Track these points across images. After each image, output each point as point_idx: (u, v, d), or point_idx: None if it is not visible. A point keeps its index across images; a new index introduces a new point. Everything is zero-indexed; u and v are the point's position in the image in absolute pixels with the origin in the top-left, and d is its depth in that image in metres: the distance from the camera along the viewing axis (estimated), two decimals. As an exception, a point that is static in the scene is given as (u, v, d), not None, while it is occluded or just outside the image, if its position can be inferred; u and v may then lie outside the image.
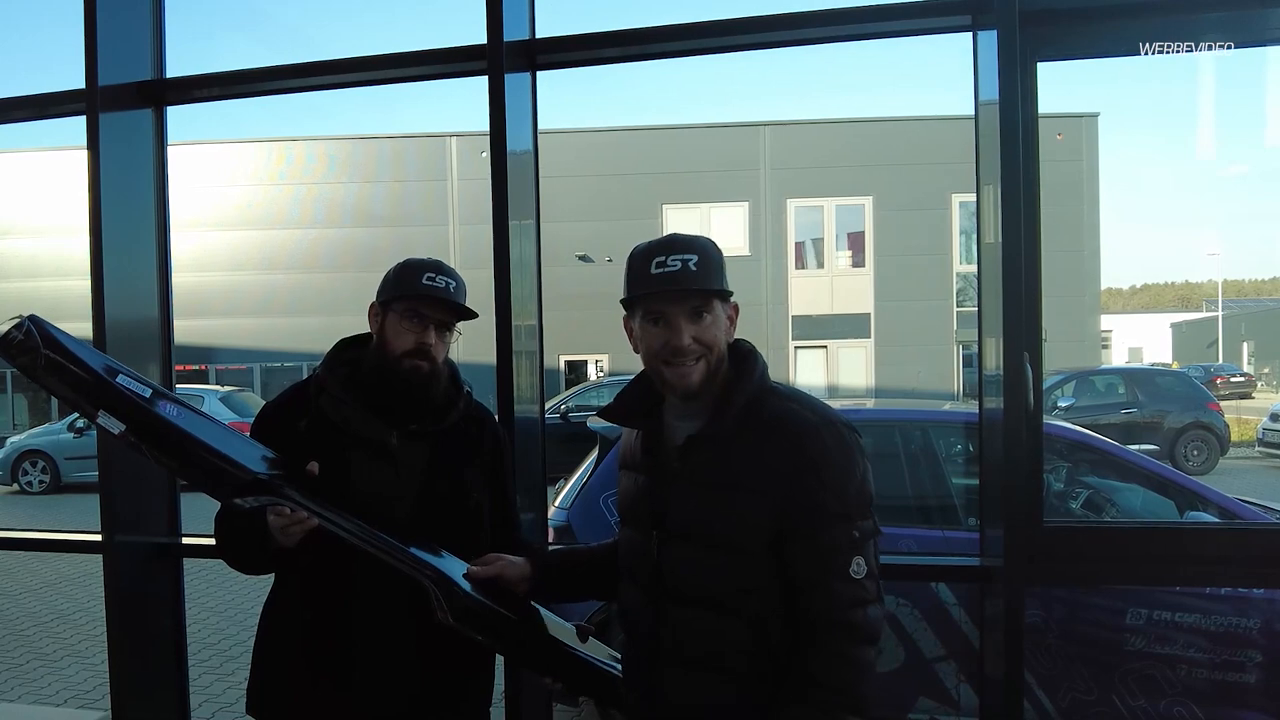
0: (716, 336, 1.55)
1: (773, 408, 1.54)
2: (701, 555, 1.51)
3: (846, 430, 1.53)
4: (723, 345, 1.56)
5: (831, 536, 1.47)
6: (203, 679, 5.15)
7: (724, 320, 1.57)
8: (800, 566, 1.48)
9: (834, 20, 2.53)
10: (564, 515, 4.26)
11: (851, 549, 1.47)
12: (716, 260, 1.55)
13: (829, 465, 1.48)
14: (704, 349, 1.54)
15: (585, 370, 22.32)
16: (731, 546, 1.49)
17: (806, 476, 1.47)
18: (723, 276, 1.56)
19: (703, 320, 1.54)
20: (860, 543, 1.48)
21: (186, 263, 20.14)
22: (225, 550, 1.88)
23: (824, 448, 1.49)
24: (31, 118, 3.18)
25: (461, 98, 69.25)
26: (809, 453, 1.48)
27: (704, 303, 1.54)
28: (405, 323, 1.87)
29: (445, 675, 1.88)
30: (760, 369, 1.59)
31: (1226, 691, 3.23)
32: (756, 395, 1.55)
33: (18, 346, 1.53)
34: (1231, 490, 4.15)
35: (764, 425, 1.52)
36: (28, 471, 14.64)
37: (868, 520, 1.50)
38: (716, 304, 1.56)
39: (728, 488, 1.50)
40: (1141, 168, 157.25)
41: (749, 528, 1.48)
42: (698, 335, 1.53)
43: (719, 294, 1.55)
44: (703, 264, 1.52)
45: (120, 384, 1.59)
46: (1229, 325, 44.42)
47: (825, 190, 22.17)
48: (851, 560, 1.47)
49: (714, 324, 1.55)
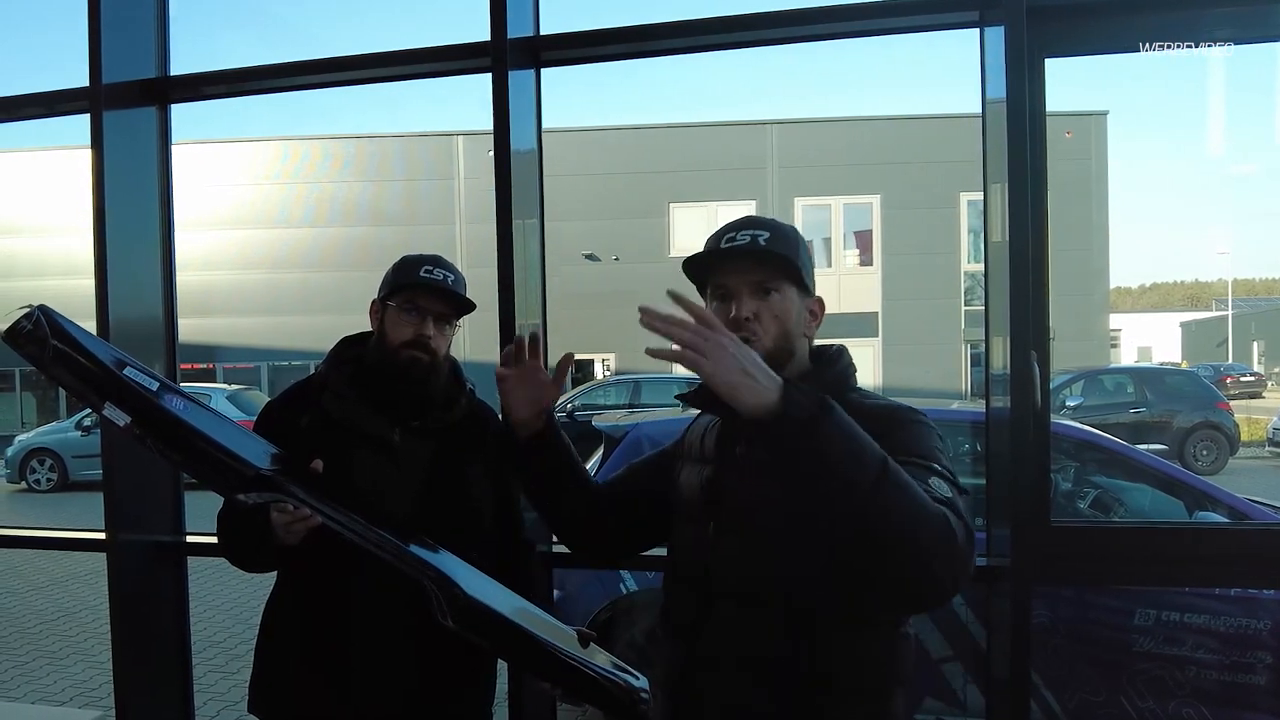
0: (786, 319, 1.45)
1: (849, 401, 1.41)
2: (755, 548, 1.42)
3: (919, 417, 1.45)
4: (794, 333, 1.46)
5: (908, 460, 1.31)
6: (207, 677, 5.16)
7: (799, 309, 1.47)
8: None
9: (841, 16, 2.51)
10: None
11: (929, 473, 1.32)
12: (793, 241, 1.47)
13: (900, 428, 1.39)
14: (763, 331, 1.44)
15: (592, 369, 22.32)
16: (790, 534, 1.38)
17: (883, 440, 1.32)
18: (799, 260, 1.46)
19: (769, 297, 1.44)
20: (943, 471, 1.35)
21: (193, 261, 20.23)
22: (227, 547, 1.88)
23: (895, 419, 1.41)
24: (36, 116, 3.18)
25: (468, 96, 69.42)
26: (878, 426, 1.34)
27: (769, 278, 1.45)
28: (403, 315, 1.86)
29: (445, 675, 1.88)
30: (842, 367, 1.51)
31: (1236, 693, 3.21)
32: (834, 389, 1.42)
33: (26, 336, 1.53)
34: (1241, 490, 4.13)
35: None
36: (35, 470, 14.70)
37: (948, 473, 1.36)
38: (789, 287, 1.45)
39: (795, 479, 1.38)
40: (1151, 166, 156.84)
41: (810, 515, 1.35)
42: (760, 311, 1.44)
43: (791, 274, 1.45)
44: (775, 240, 1.44)
45: (127, 376, 1.59)
46: (1239, 324, 44.26)
47: (832, 189, 22.15)
48: (930, 479, 1.31)
49: (783, 304, 1.45)
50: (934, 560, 1.23)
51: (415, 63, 2.76)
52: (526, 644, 1.58)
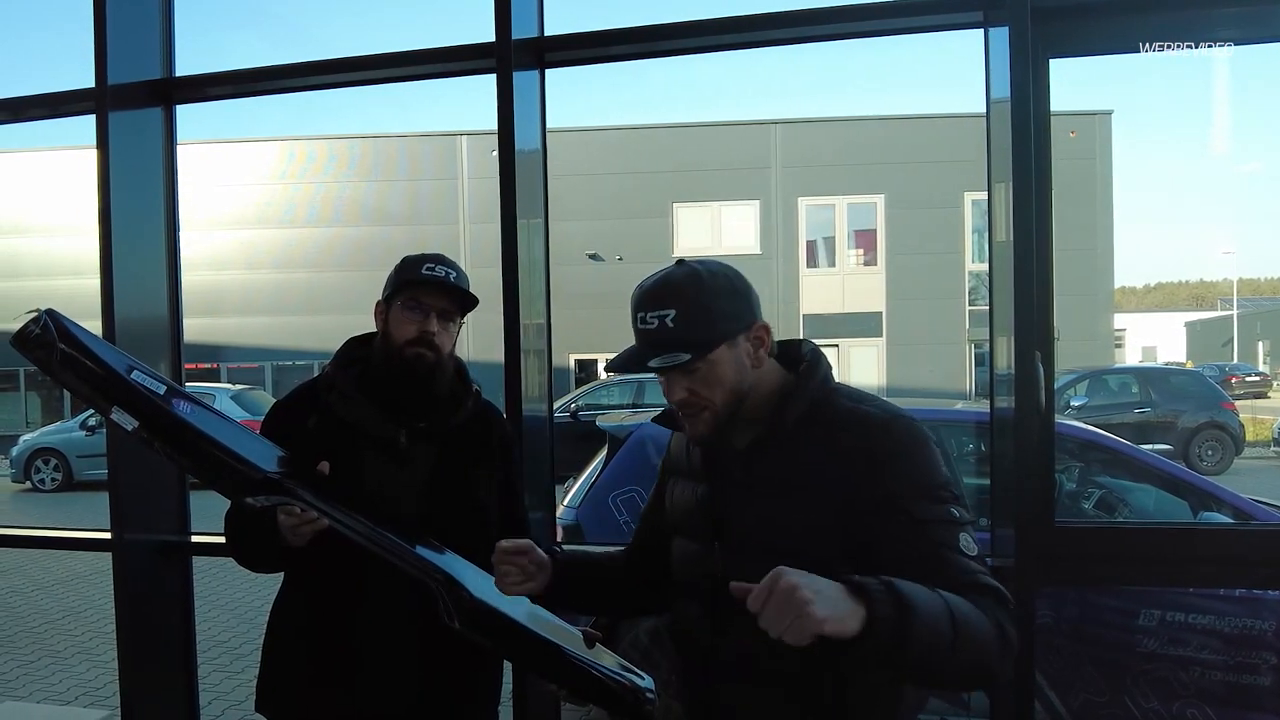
0: (720, 383, 1.43)
1: (838, 408, 1.44)
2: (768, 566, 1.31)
3: (912, 424, 1.42)
4: (741, 380, 1.44)
5: (927, 517, 1.33)
6: (212, 676, 5.17)
7: (737, 357, 1.44)
8: (895, 549, 1.32)
9: (845, 17, 2.51)
10: (573, 514, 4.26)
11: (956, 525, 1.33)
12: (704, 305, 1.41)
13: (903, 456, 1.37)
14: (706, 400, 1.44)
15: (595, 369, 22.32)
16: (799, 554, 1.29)
17: (880, 469, 1.35)
18: (716, 320, 1.41)
19: (695, 374, 1.42)
20: (964, 522, 1.35)
21: (198, 261, 20.26)
22: (235, 548, 1.89)
23: (895, 440, 1.38)
24: (43, 116, 3.20)
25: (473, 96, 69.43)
26: (880, 446, 1.37)
27: (689, 361, 1.41)
28: (407, 312, 1.86)
29: (451, 676, 1.88)
30: (823, 372, 1.49)
31: (1240, 694, 3.20)
32: (819, 397, 1.45)
33: (34, 340, 1.53)
34: (1246, 491, 4.12)
35: (829, 425, 1.42)
36: (40, 469, 14.74)
37: (962, 509, 1.37)
38: (714, 351, 1.42)
39: (793, 492, 1.40)
40: (1155, 165, 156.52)
41: (817, 532, 1.37)
42: (693, 389, 1.43)
43: (709, 346, 1.41)
44: (682, 318, 1.40)
45: (135, 380, 1.59)
46: (1244, 324, 44.14)
47: (836, 188, 22.13)
48: (958, 536, 1.33)
49: (714, 371, 1.42)
50: (999, 675, 1.29)
51: (420, 64, 2.77)
52: (532, 645, 1.58)
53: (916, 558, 1.30)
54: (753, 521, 1.44)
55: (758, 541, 1.42)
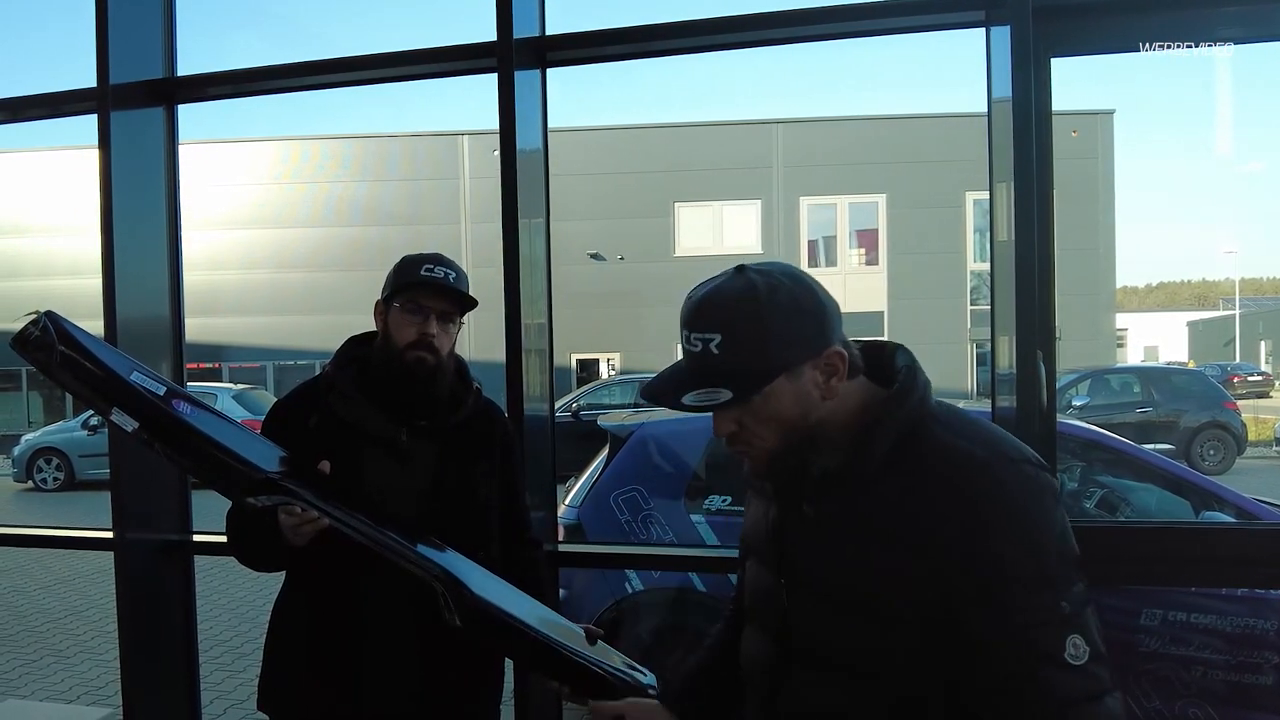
0: (775, 420, 1.21)
1: (934, 441, 1.18)
2: (833, 615, 1.20)
3: (1031, 469, 1.17)
4: (803, 416, 1.21)
5: (1028, 609, 1.09)
6: (213, 675, 5.17)
7: (799, 389, 1.19)
8: (990, 651, 1.10)
9: (846, 16, 2.51)
10: (574, 514, 4.26)
11: (1062, 625, 1.09)
12: (758, 329, 1.17)
13: (1006, 514, 1.12)
14: (757, 438, 1.23)
15: (597, 369, 22.32)
16: (871, 610, 1.16)
17: (974, 529, 1.11)
18: (772, 348, 1.17)
19: (747, 406, 1.20)
20: (1073, 617, 1.10)
21: (200, 261, 20.26)
22: (236, 548, 1.89)
23: (996, 491, 1.13)
24: (44, 116, 3.20)
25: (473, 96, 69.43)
26: (975, 498, 1.12)
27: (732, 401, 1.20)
28: (406, 315, 1.86)
29: (452, 675, 1.88)
30: (918, 394, 1.23)
31: (1243, 693, 3.19)
32: (909, 426, 1.20)
33: (34, 343, 1.54)
34: (1248, 490, 4.12)
35: (919, 463, 1.17)
36: (42, 469, 14.75)
37: (1077, 584, 1.12)
38: (776, 381, 1.18)
39: (868, 539, 1.17)
40: (1157, 164, 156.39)
41: (888, 589, 1.15)
42: (743, 423, 1.22)
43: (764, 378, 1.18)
44: (729, 345, 1.17)
45: (135, 381, 1.59)
46: (1246, 323, 44.11)
47: (838, 188, 22.13)
48: (1065, 640, 1.08)
49: (766, 407, 1.20)
50: None
51: (421, 63, 2.77)
52: (534, 643, 1.58)
53: (1004, 674, 1.10)
54: (815, 563, 1.24)
55: (818, 587, 1.23)
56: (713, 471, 4.42)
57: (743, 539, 1.43)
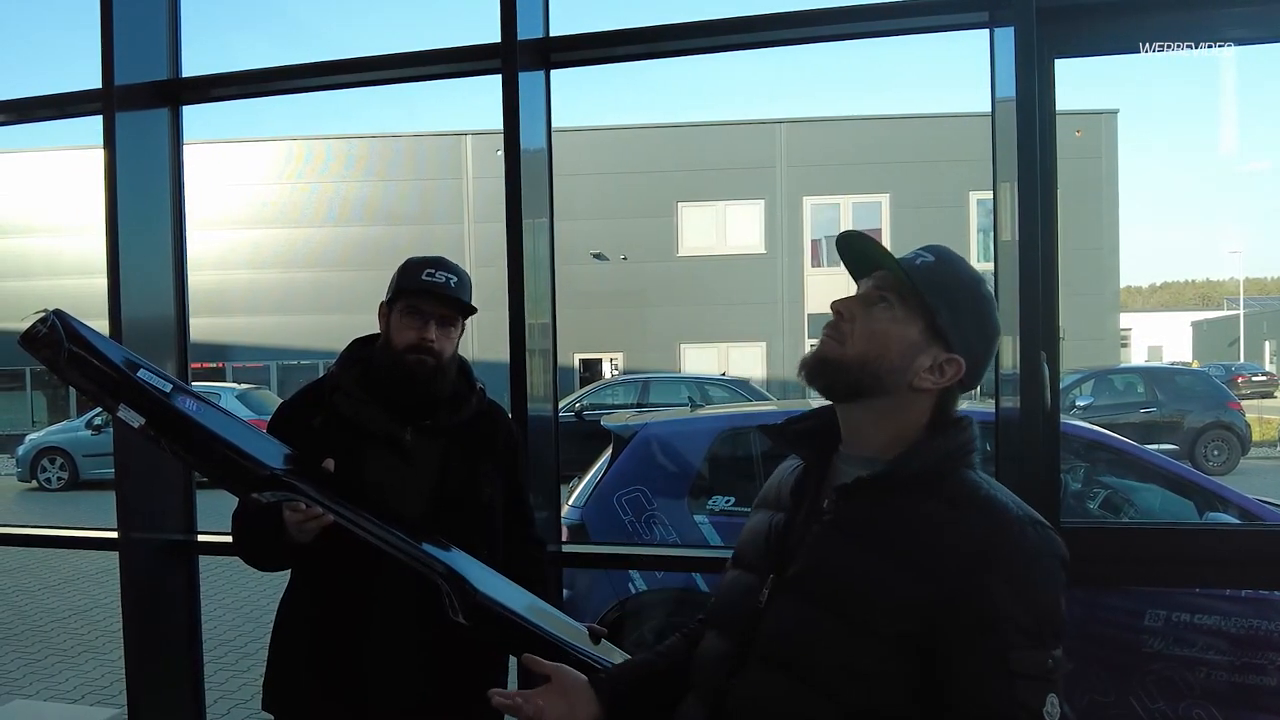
0: (871, 339, 1.27)
1: (966, 482, 1.23)
2: (814, 616, 1.21)
3: (1053, 535, 1.20)
4: (888, 365, 1.25)
5: (1023, 658, 1.11)
6: (218, 675, 5.18)
7: (906, 343, 1.26)
8: (972, 691, 1.12)
9: (850, 17, 2.51)
10: (577, 514, 4.27)
11: (1046, 682, 1.12)
12: (954, 288, 1.30)
13: (1022, 569, 1.14)
14: (847, 335, 1.28)
15: (600, 368, 22.33)
16: (854, 619, 1.17)
17: (990, 574, 1.12)
18: (940, 303, 1.28)
19: (872, 307, 1.30)
20: (1055, 676, 1.13)
21: (205, 261, 20.30)
22: (241, 546, 1.90)
23: (1013, 538, 1.15)
24: (50, 117, 3.21)
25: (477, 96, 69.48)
26: (999, 547, 1.14)
27: (884, 287, 1.32)
28: (406, 318, 1.88)
29: (458, 675, 1.89)
30: (961, 441, 1.26)
31: (1247, 695, 3.19)
32: (948, 464, 1.24)
33: (42, 341, 1.55)
34: (1252, 491, 4.11)
35: (946, 493, 1.20)
36: (46, 468, 14.77)
37: (1059, 650, 1.16)
38: (904, 312, 1.28)
39: (873, 549, 1.19)
40: (1162, 164, 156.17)
41: (887, 607, 1.15)
42: (853, 314, 1.30)
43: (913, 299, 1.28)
44: (930, 269, 1.32)
45: (141, 378, 1.61)
46: (1250, 323, 44.01)
47: (841, 188, 22.12)
48: (1046, 696, 1.11)
49: (878, 323, 1.28)
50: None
51: (426, 64, 2.78)
52: (538, 640, 1.59)
53: (978, 710, 1.11)
54: (820, 564, 1.24)
55: (809, 586, 1.23)
56: (716, 472, 4.42)
57: (734, 552, 1.43)
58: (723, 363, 21.40)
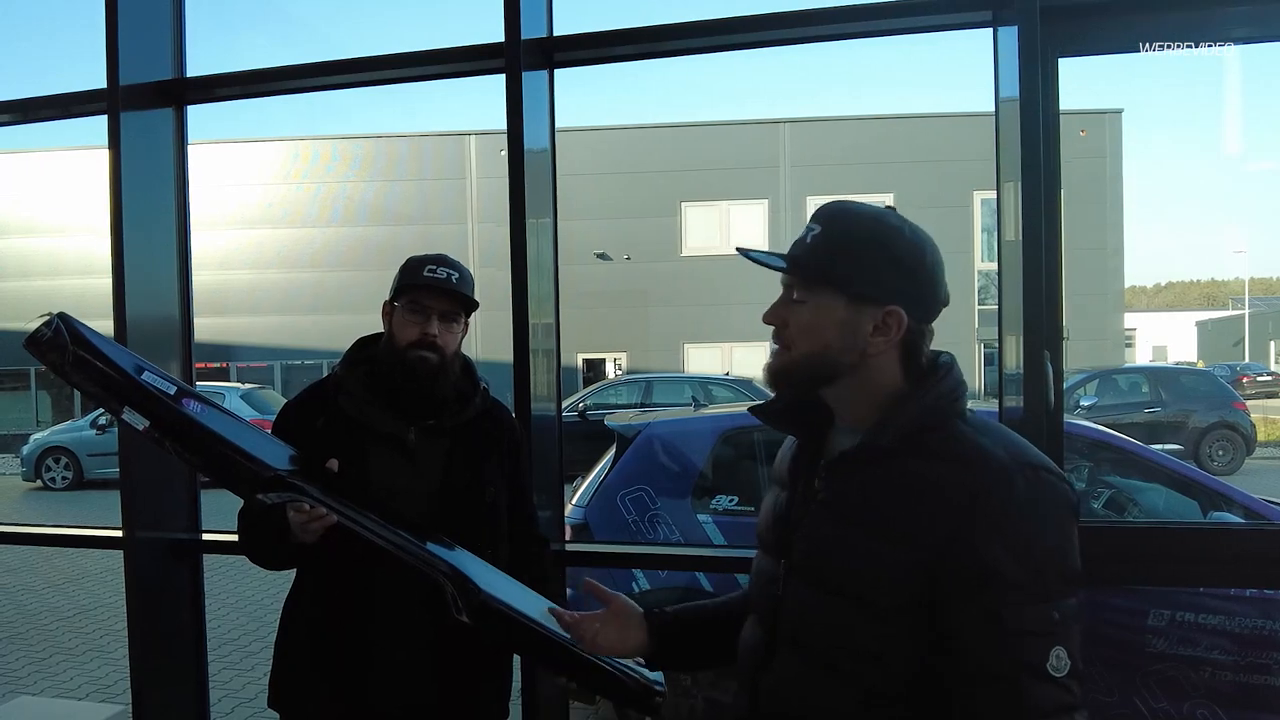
0: (809, 333, 1.25)
1: (953, 433, 1.19)
2: (820, 599, 1.20)
3: (1051, 477, 1.15)
4: (836, 348, 1.23)
5: (1019, 614, 1.08)
6: (222, 674, 5.19)
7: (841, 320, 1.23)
8: (970, 650, 1.10)
9: (854, 17, 2.51)
10: (581, 513, 4.27)
11: (1049, 635, 1.08)
12: (852, 243, 1.24)
13: (1006, 515, 1.10)
14: (789, 340, 1.27)
15: (603, 368, 22.33)
16: (855, 596, 1.16)
17: (977, 529, 1.09)
18: (847, 265, 1.22)
19: (800, 308, 1.26)
20: (1061, 628, 1.09)
21: (208, 261, 20.33)
22: (246, 546, 1.90)
23: (1003, 491, 1.11)
24: (55, 117, 3.21)
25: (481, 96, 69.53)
26: (985, 499, 1.10)
27: (796, 284, 1.27)
28: (409, 315, 1.89)
29: (462, 674, 1.89)
30: (948, 387, 1.24)
31: (1251, 694, 3.19)
32: (935, 417, 1.20)
33: (47, 344, 1.56)
34: (1257, 491, 4.10)
35: (933, 451, 1.17)
36: (51, 468, 14.81)
37: (1071, 598, 1.11)
38: (825, 295, 1.23)
39: (865, 523, 1.17)
40: (1166, 164, 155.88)
41: (882, 579, 1.14)
42: (786, 320, 1.28)
43: (825, 280, 1.23)
44: (823, 239, 1.26)
45: (145, 381, 1.61)
46: (1255, 323, 43.91)
47: (845, 188, 22.01)
48: (1050, 651, 1.08)
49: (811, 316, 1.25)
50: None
51: (429, 64, 2.78)
52: (541, 639, 1.59)
53: (979, 669, 1.09)
54: (815, 544, 1.24)
55: (814, 566, 1.23)
56: (720, 471, 4.42)
57: (756, 532, 1.43)
58: (726, 362, 21.39)
